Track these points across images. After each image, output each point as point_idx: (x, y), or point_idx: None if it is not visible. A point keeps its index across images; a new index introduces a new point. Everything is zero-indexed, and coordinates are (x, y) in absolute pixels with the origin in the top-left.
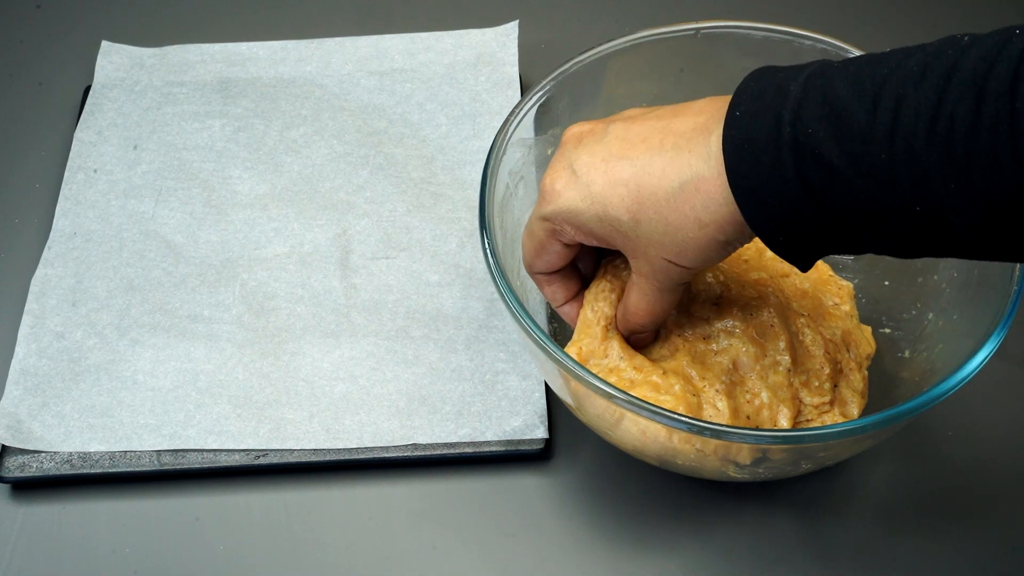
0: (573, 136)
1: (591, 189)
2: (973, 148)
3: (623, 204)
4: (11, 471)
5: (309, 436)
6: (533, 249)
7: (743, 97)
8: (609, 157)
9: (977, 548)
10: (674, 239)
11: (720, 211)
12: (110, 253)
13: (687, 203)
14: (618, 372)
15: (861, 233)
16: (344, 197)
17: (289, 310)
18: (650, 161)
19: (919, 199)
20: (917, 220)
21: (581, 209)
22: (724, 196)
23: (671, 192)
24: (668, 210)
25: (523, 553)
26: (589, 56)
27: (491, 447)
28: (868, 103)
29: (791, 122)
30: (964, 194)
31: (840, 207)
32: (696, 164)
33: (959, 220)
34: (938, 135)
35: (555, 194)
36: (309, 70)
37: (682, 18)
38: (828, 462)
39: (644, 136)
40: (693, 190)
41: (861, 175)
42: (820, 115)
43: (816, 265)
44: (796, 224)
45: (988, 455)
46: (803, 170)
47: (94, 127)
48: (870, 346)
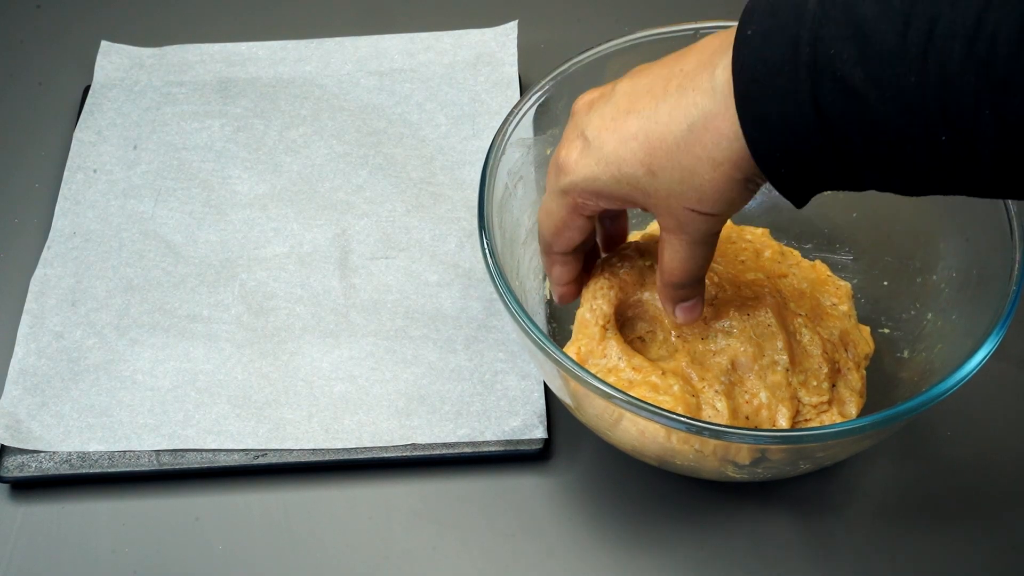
0: (584, 104)
1: (603, 151)
2: (1014, 70)
3: (636, 159)
4: (10, 471)
5: (308, 436)
6: (553, 228)
7: (754, 15)
8: (617, 115)
9: (977, 548)
10: (691, 184)
11: (732, 146)
12: (109, 253)
13: (698, 144)
14: (617, 372)
15: (872, 164)
16: (343, 197)
17: (288, 310)
18: (656, 109)
19: (948, 127)
20: (939, 150)
21: (597, 174)
22: (734, 131)
23: (680, 135)
24: (680, 155)
25: (522, 553)
26: (588, 56)
27: (490, 447)
28: (899, 23)
29: (810, 41)
30: (998, 121)
31: (856, 135)
32: (702, 101)
33: (987, 149)
34: (976, 56)
35: (570, 165)
36: (309, 70)
37: (682, 18)
38: (827, 462)
39: (649, 86)
40: (702, 128)
41: (886, 101)
42: (844, 35)
43: (814, 265)
44: (804, 155)
45: (987, 455)
46: (820, 95)
47: (94, 127)
48: (868, 346)
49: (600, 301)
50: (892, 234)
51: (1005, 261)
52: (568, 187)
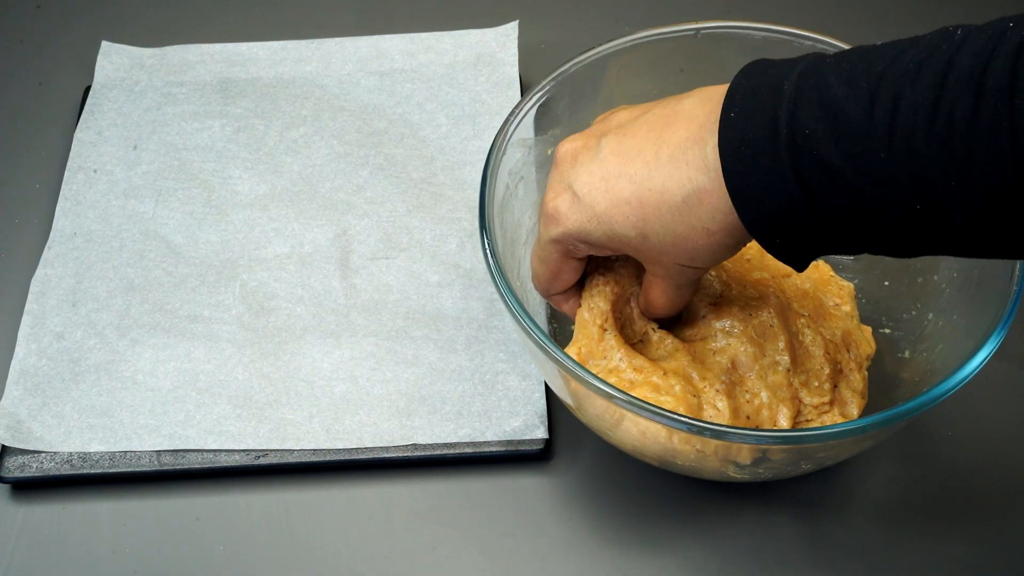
0: (567, 154)
1: (595, 210)
2: (973, 145)
3: (628, 222)
4: (11, 471)
5: (309, 436)
6: (548, 274)
7: (736, 97)
8: (607, 176)
9: (977, 548)
10: (684, 248)
11: (727, 219)
12: (110, 253)
13: (692, 215)
14: (618, 373)
15: (859, 233)
16: (344, 197)
17: (289, 310)
18: (649, 176)
19: (919, 197)
20: (917, 218)
21: (589, 230)
22: (728, 205)
23: (675, 207)
24: (674, 223)
25: (523, 553)
26: (589, 56)
27: (491, 447)
28: (865, 102)
29: (788, 123)
30: (965, 191)
31: (838, 207)
32: (695, 177)
33: (960, 217)
34: (937, 133)
35: (561, 217)
36: (309, 70)
37: (682, 18)
38: (828, 462)
39: (639, 149)
40: (696, 202)
41: (860, 174)
42: (817, 115)
43: (817, 265)
44: (793, 225)
45: (988, 455)
46: (801, 170)
47: (94, 127)
48: (870, 346)
49: (597, 299)
50: None
51: (1006, 261)
52: (560, 236)
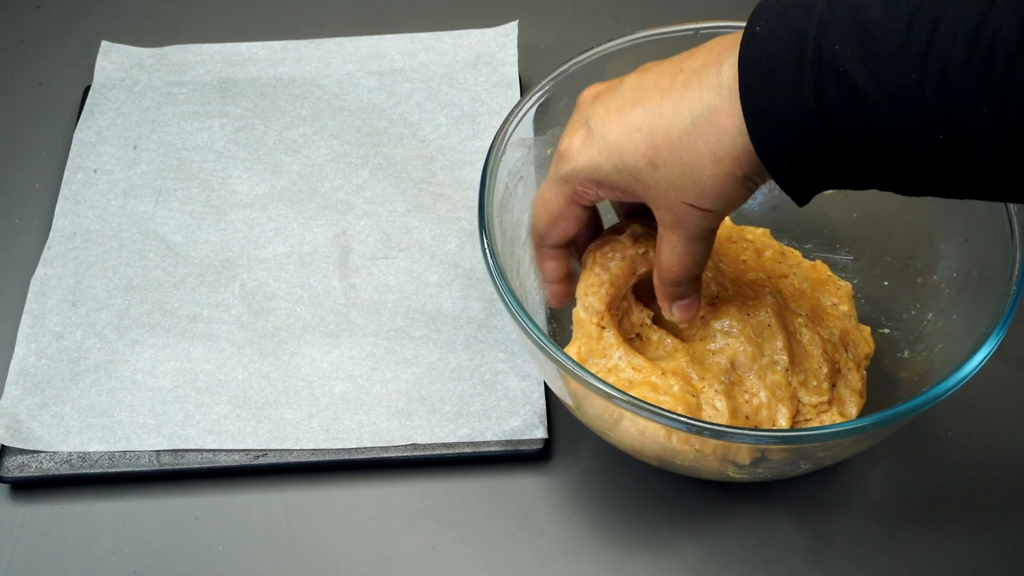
0: (589, 95)
1: (606, 140)
2: (1013, 74)
3: (638, 150)
4: (11, 471)
5: (308, 436)
6: (549, 218)
7: (763, 13)
8: (622, 106)
9: (977, 548)
10: (692, 179)
11: (735, 142)
12: (110, 253)
13: (700, 139)
14: (617, 372)
15: (872, 163)
16: (344, 197)
17: (288, 310)
18: (661, 103)
19: (945, 126)
20: (938, 151)
21: (599, 162)
22: (738, 127)
23: (683, 130)
24: (683, 149)
25: (522, 553)
26: (589, 56)
27: (490, 447)
28: (902, 23)
29: (816, 38)
30: (995, 122)
31: (856, 132)
32: (707, 96)
33: (984, 150)
34: (976, 57)
35: (572, 153)
36: (309, 70)
37: (682, 18)
38: (827, 462)
39: (656, 81)
40: (706, 123)
41: (886, 97)
42: (849, 33)
43: (815, 265)
44: (806, 151)
45: (987, 455)
46: (823, 90)
47: (94, 127)
48: (869, 346)
49: (591, 299)
50: (892, 234)
51: (1005, 261)
52: (569, 174)
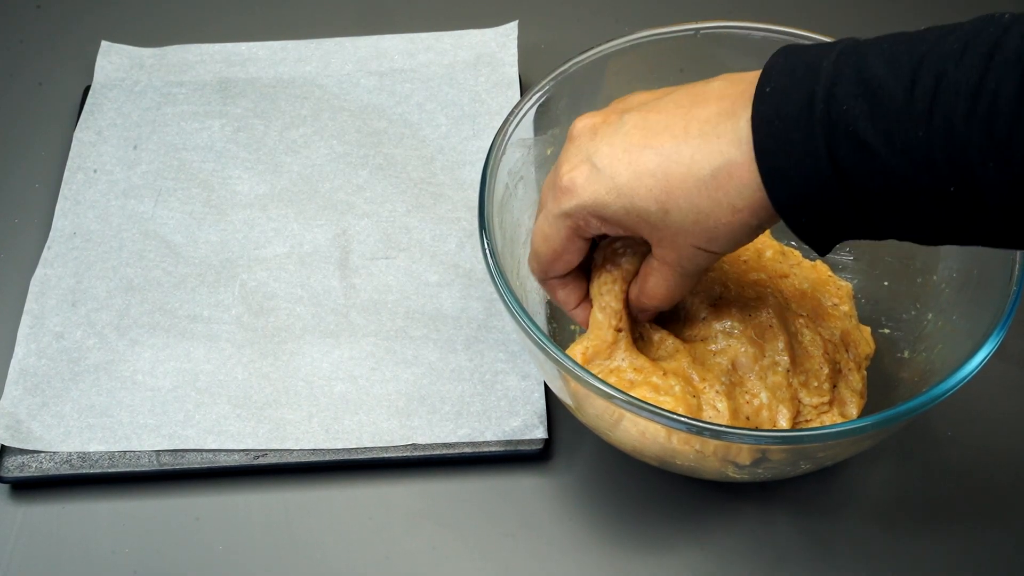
0: (586, 129)
1: (616, 181)
2: (1016, 127)
3: (651, 195)
4: (11, 471)
5: (308, 436)
6: (551, 253)
7: (772, 74)
8: (631, 148)
9: (977, 548)
10: (705, 226)
11: (754, 196)
12: (110, 253)
13: (720, 190)
14: (618, 373)
15: (889, 216)
16: (344, 197)
17: (288, 310)
18: (677, 149)
19: (955, 179)
20: (950, 202)
21: (607, 202)
22: (758, 181)
23: (702, 180)
24: (700, 198)
25: (522, 553)
26: (589, 56)
27: (490, 447)
28: (906, 80)
29: (825, 99)
30: (1003, 174)
31: (870, 188)
32: (727, 150)
33: (995, 202)
34: (979, 113)
35: (577, 189)
36: (309, 70)
37: (682, 18)
38: (827, 462)
39: (666, 124)
40: (726, 176)
41: (896, 153)
42: (855, 92)
43: (815, 265)
44: (822, 205)
45: (988, 455)
46: (835, 148)
47: (94, 127)
48: (869, 346)
49: (607, 297)
50: None
51: (1005, 261)
52: (573, 210)
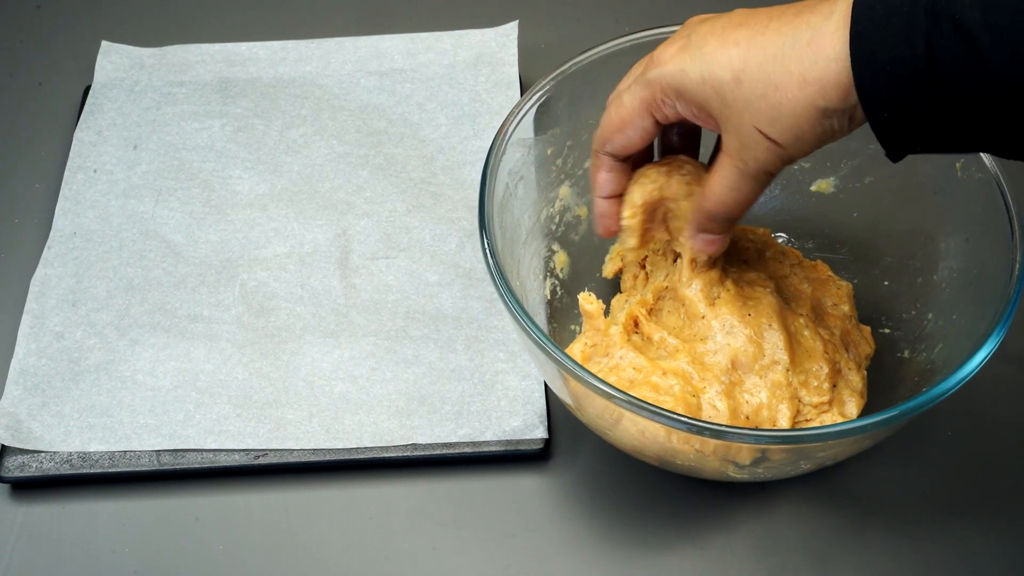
0: (699, 18)
1: (702, 51)
2: None
3: (730, 63)
4: (11, 471)
5: (309, 436)
6: (618, 122)
7: None
8: (728, 25)
9: (977, 548)
10: (771, 101)
11: (828, 67)
12: (110, 253)
13: (795, 59)
14: (618, 372)
15: (978, 118)
16: (344, 197)
17: (289, 310)
18: (767, 24)
19: None
20: None
21: (687, 69)
22: (836, 51)
23: (780, 48)
24: (773, 66)
25: (523, 553)
26: (589, 56)
27: (491, 447)
28: None
29: None
30: None
31: (965, 84)
32: (815, 21)
33: None
34: None
35: (664, 58)
36: (309, 70)
37: (682, 18)
38: (827, 462)
39: (768, 9)
40: (805, 45)
41: (998, 46)
42: None
43: (815, 265)
44: (909, 100)
45: (988, 455)
46: (934, 38)
47: (94, 127)
48: (869, 346)
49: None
50: (892, 234)
51: (1005, 261)
52: (654, 77)
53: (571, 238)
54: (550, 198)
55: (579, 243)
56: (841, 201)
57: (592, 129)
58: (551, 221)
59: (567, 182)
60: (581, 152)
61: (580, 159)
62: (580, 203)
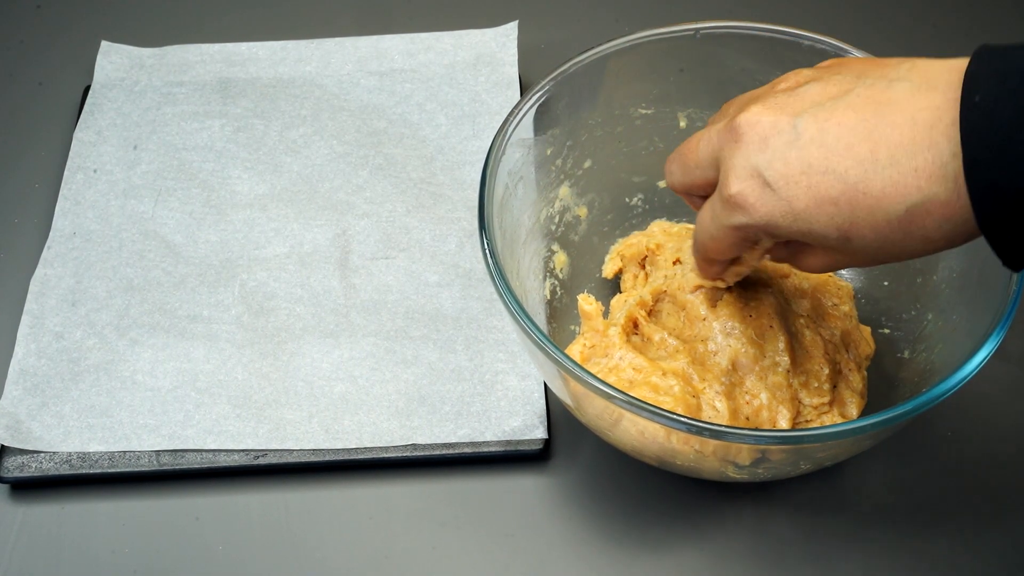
0: (754, 134)
1: (793, 206)
2: None
3: (832, 223)
4: (10, 471)
5: (308, 436)
6: (718, 252)
7: (979, 82)
8: (810, 170)
9: (977, 548)
10: (890, 252)
11: (955, 229)
12: (109, 253)
13: (914, 224)
14: (617, 372)
15: None
16: (344, 197)
17: (288, 310)
18: (864, 179)
19: None
20: None
21: (781, 224)
22: (963, 216)
23: (895, 215)
24: (889, 231)
25: (522, 553)
26: (588, 56)
27: (490, 447)
28: None
29: None
30: None
31: None
32: (925, 186)
33: None
34: None
35: (748, 206)
36: (309, 70)
37: (682, 18)
38: (827, 462)
39: (847, 144)
40: (923, 213)
41: None
42: None
43: None
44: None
45: (988, 455)
46: None
47: (94, 127)
48: (869, 347)
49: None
50: None
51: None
52: (743, 226)
53: (571, 238)
54: (550, 198)
55: (579, 243)
56: None
57: (592, 129)
58: (551, 221)
59: (567, 182)
60: (581, 152)
61: (580, 159)
62: (580, 203)
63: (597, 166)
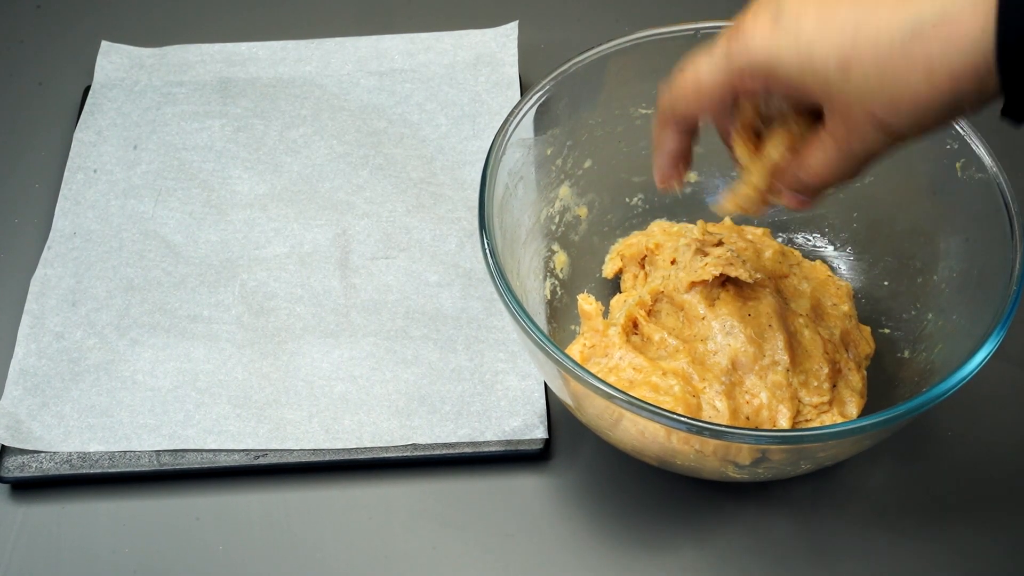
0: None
1: (799, 31)
2: None
3: (834, 51)
4: (11, 471)
5: (308, 436)
6: (694, 89)
7: None
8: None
9: (977, 548)
10: (890, 90)
11: (961, 56)
12: (110, 253)
13: (919, 46)
14: (617, 372)
15: None
16: (344, 197)
17: (289, 310)
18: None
19: None
20: None
21: (782, 54)
22: (974, 35)
23: (899, 34)
24: (891, 55)
25: (522, 553)
26: (589, 56)
27: (490, 447)
28: None
29: None
30: None
31: None
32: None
33: None
34: None
35: (752, 33)
36: (309, 70)
37: (682, 18)
38: (827, 462)
39: None
40: (931, 30)
41: None
42: None
43: (815, 265)
44: None
45: (988, 455)
46: None
47: (94, 127)
48: (869, 346)
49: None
50: (892, 234)
51: (1005, 261)
52: (740, 53)
53: (571, 238)
54: (550, 198)
55: (579, 243)
56: (841, 201)
57: (592, 129)
58: (551, 221)
59: (567, 182)
60: (581, 152)
61: (580, 159)
62: (580, 203)
63: (597, 166)
